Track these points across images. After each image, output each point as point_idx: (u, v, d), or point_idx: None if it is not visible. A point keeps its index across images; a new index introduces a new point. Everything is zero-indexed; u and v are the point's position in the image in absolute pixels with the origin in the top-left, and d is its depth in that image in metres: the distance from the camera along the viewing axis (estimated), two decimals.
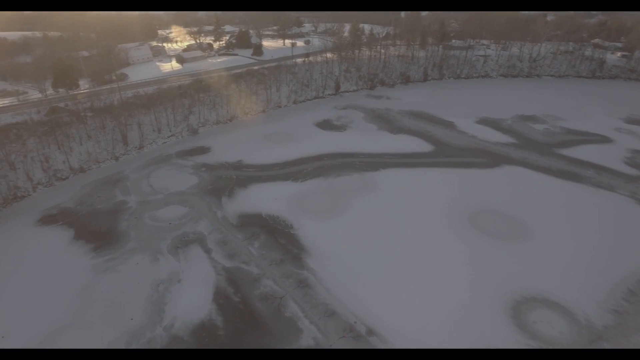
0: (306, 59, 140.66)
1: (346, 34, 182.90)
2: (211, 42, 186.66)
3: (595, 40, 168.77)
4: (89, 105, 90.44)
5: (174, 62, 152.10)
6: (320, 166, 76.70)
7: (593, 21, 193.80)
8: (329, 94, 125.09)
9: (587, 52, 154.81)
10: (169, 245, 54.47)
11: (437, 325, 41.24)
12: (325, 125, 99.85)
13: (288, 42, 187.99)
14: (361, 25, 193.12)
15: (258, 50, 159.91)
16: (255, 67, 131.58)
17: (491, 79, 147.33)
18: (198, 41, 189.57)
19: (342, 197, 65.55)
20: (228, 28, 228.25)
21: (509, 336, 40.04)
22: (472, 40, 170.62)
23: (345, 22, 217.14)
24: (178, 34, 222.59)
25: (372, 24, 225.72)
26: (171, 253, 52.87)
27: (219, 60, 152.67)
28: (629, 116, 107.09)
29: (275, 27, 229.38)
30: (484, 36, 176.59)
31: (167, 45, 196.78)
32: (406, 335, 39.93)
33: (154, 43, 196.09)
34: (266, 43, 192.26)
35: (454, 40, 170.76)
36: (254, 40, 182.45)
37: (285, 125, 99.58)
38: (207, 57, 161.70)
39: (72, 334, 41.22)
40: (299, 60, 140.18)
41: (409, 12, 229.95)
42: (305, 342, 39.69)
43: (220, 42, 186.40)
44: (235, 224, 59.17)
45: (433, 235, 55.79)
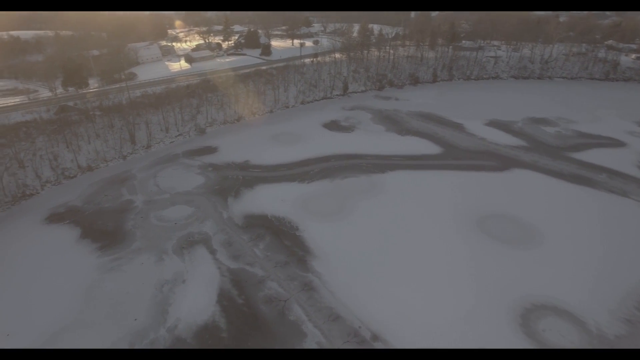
0: (314, 59, 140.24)
1: (355, 34, 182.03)
2: (220, 41, 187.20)
3: (609, 42, 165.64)
4: (97, 104, 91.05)
5: (182, 61, 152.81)
6: (327, 167, 76.18)
7: (607, 22, 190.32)
8: (337, 95, 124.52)
9: (601, 54, 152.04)
10: (174, 245, 54.41)
11: (444, 331, 40.44)
12: (333, 126, 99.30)
13: (297, 42, 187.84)
14: (370, 25, 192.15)
15: (266, 50, 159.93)
16: (264, 67, 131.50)
17: (502, 80, 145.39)
18: (207, 41, 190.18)
19: (349, 199, 64.95)
20: (237, 28, 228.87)
21: (517, 344, 39.06)
22: (482, 41, 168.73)
23: (354, 23, 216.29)
24: (182, 30, 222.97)
25: (382, 24, 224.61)
26: (176, 253, 52.78)
27: (227, 60, 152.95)
28: None
29: (284, 27, 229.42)
30: (495, 37, 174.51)
31: (176, 45, 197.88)
32: (412, 342, 39.19)
33: (164, 42, 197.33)
34: (275, 43, 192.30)
35: (464, 41, 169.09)
36: (263, 40, 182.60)
37: (292, 125, 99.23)
38: (216, 56, 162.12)
39: (76, 333, 41.24)
40: (308, 60, 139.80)
41: (419, 12, 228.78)
42: (309, 346, 39.20)
43: (229, 42, 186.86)
44: (240, 224, 58.93)
45: (440, 239, 54.91)
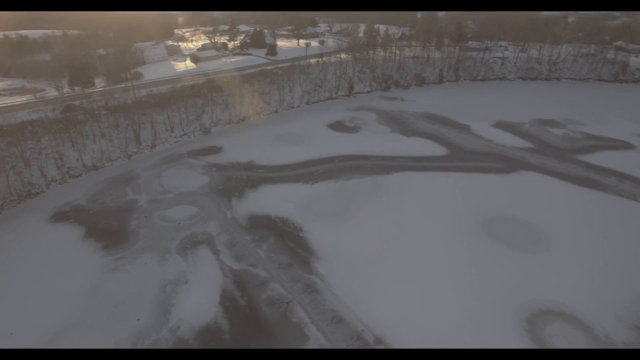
0: (320, 59, 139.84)
1: (361, 35, 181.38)
2: (226, 41, 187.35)
3: (618, 43, 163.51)
4: (103, 104, 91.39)
5: (188, 61, 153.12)
6: (331, 168, 75.79)
7: (616, 23, 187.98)
8: (342, 95, 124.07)
9: (610, 55, 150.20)
10: (178, 245, 54.36)
11: (448, 336, 39.90)
12: (338, 126, 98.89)
13: (302, 42, 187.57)
14: (376, 25, 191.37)
15: (272, 50, 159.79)
16: (269, 67, 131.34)
17: (509, 81, 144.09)
18: (213, 41, 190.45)
19: (353, 200, 64.52)
20: (243, 28, 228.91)
21: None
22: (489, 42, 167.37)
23: (360, 23, 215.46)
24: (188, 30, 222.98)
25: (388, 24, 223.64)
26: (179, 253, 52.71)
27: (232, 60, 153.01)
28: None
29: (290, 27, 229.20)
30: (502, 38, 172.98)
31: (182, 45, 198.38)
32: (415, 346, 38.69)
33: (170, 42, 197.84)
34: (280, 43, 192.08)
35: (470, 42, 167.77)
36: (269, 40, 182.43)
37: (297, 126, 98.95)
38: (222, 56, 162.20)
39: (79, 333, 41.27)
40: (313, 60, 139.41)
41: (426, 12, 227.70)
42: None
43: (235, 42, 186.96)
44: (244, 225, 58.75)
45: (445, 242, 54.32)
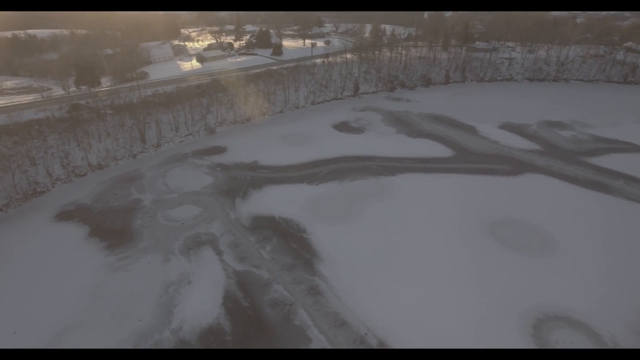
0: (325, 59, 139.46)
1: (367, 35, 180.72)
2: (232, 41, 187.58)
3: (628, 44, 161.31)
4: (109, 103, 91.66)
5: (194, 61, 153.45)
6: (336, 169, 75.42)
7: (626, 24, 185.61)
8: (347, 96, 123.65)
9: (619, 56, 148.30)
10: (181, 245, 54.28)
11: (452, 340, 39.34)
12: (343, 127, 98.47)
13: (308, 42, 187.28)
14: (383, 25, 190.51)
15: (277, 50, 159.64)
16: (274, 67, 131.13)
17: (516, 82, 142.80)
18: (219, 40, 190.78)
19: (357, 201, 64.08)
20: (249, 27, 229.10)
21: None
22: (496, 42, 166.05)
23: (366, 23, 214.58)
24: (195, 30, 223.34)
25: (394, 24, 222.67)
26: (183, 254, 52.62)
27: (238, 60, 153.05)
28: None
29: (296, 27, 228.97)
30: (510, 38, 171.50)
31: (188, 44, 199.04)
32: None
33: (176, 42, 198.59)
34: (286, 43, 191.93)
35: (477, 42, 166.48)
36: (274, 40, 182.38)
37: (302, 126, 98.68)
38: (227, 56, 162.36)
39: (81, 333, 41.25)
40: (319, 60, 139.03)
41: (432, 12, 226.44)
42: None
43: (241, 42, 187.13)
44: (247, 226, 58.55)
45: (450, 245, 53.71)
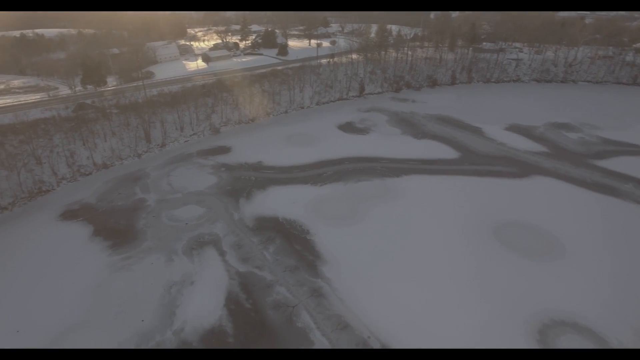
0: (331, 59, 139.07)
1: (373, 35, 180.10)
2: (237, 41, 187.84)
3: (637, 45, 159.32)
4: (114, 103, 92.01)
5: (199, 60, 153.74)
6: (340, 170, 75.03)
7: (636, 24, 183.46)
8: (352, 96, 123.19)
9: (628, 57, 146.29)
10: (184, 246, 54.20)
11: (457, 344, 38.80)
12: (348, 127, 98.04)
13: (314, 42, 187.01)
14: (389, 26, 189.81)
15: (283, 50, 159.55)
16: (280, 67, 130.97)
17: (523, 83, 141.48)
18: (225, 40, 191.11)
19: (362, 203, 63.63)
20: (255, 27, 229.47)
21: None
22: (504, 43, 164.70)
23: (372, 23, 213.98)
24: (201, 30, 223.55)
25: (401, 25, 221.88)
26: (186, 254, 52.53)
27: (244, 60, 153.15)
28: None
29: (301, 27, 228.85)
30: (517, 39, 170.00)
31: (194, 44, 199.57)
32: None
33: (182, 42, 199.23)
34: (292, 43, 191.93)
35: (484, 43, 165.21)
36: (280, 40, 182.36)
37: (307, 126, 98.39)
38: (233, 56, 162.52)
39: (84, 332, 41.27)
40: (324, 61, 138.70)
41: (439, 12, 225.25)
42: None
43: (246, 42, 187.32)
44: (251, 226, 58.35)
45: (455, 248, 53.09)
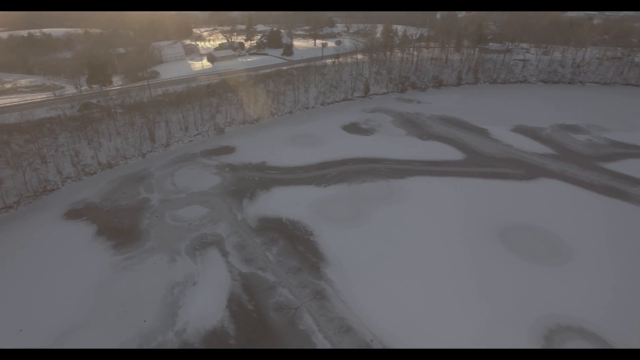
0: (336, 60, 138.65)
1: (378, 35, 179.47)
2: (243, 41, 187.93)
3: None
4: (119, 102, 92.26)
5: (204, 60, 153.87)
6: (344, 171, 74.60)
7: None
8: (357, 97, 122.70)
9: (637, 59, 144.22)
10: (187, 246, 54.08)
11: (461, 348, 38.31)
12: (352, 128, 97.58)
13: (319, 42, 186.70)
14: (394, 26, 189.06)
15: (288, 50, 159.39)
16: (284, 67, 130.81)
17: (530, 84, 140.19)
18: (230, 40, 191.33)
19: (366, 204, 63.18)
20: (260, 27, 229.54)
21: None
22: (510, 44, 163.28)
23: (378, 23, 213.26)
24: (207, 30, 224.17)
25: (406, 25, 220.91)
26: (189, 254, 52.40)
27: (249, 60, 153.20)
28: None
29: (307, 27, 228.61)
30: (524, 39, 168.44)
31: (200, 44, 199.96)
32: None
33: (188, 41, 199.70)
34: (297, 43, 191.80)
35: (491, 43, 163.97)
36: (285, 40, 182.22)
37: (311, 127, 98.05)
38: (238, 56, 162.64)
39: (86, 332, 41.21)
40: (329, 61, 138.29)
41: (445, 12, 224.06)
42: None
43: (252, 42, 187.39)
44: (254, 227, 58.11)
45: (460, 251, 52.47)
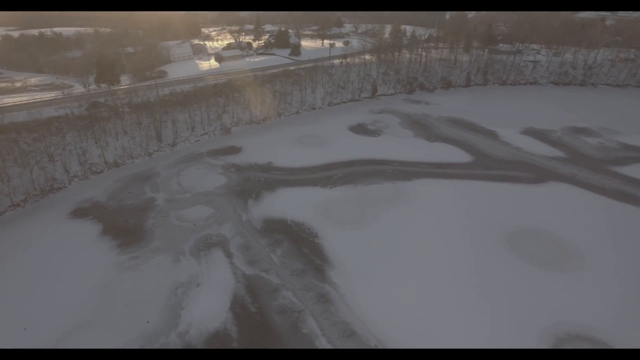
0: (344, 60, 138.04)
1: (387, 36, 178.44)
2: (250, 41, 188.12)
3: None
4: (127, 101, 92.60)
5: (212, 60, 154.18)
6: (350, 172, 73.98)
7: None
8: (365, 97, 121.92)
9: None
10: (192, 246, 53.90)
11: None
12: (359, 129, 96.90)
13: (327, 42, 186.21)
14: (403, 26, 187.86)
15: (296, 50, 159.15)
16: (292, 68, 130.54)
17: (540, 86, 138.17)
18: (238, 40, 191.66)
19: (372, 207, 62.50)
20: (268, 27, 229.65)
21: None
22: (521, 45, 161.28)
23: (387, 24, 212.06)
24: (215, 29, 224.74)
25: (415, 25, 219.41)
26: (193, 255, 52.21)
27: (256, 60, 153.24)
28: None
29: (315, 27, 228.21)
30: (535, 40, 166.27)
31: (208, 44, 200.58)
32: None
33: (196, 41, 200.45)
34: (305, 43, 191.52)
35: (501, 44, 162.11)
36: (293, 40, 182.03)
37: (318, 127, 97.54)
38: (245, 56, 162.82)
39: (90, 332, 41.18)
40: (337, 61, 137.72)
41: (454, 13, 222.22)
42: None
43: (260, 42, 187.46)
44: (259, 228, 57.77)
45: (467, 255, 51.60)
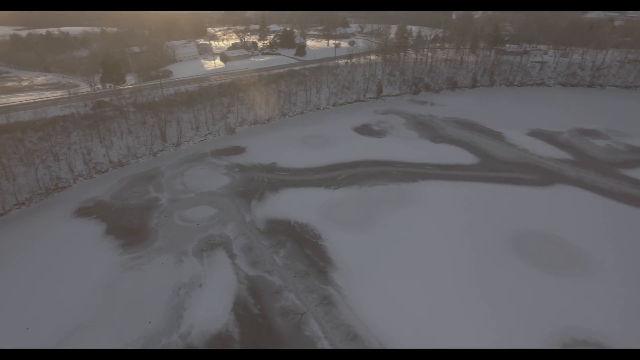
0: (349, 60, 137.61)
1: (392, 36, 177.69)
2: (256, 41, 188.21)
3: None
4: (132, 101, 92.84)
5: (217, 60, 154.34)
6: (355, 174, 73.56)
7: None
8: (370, 98, 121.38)
9: None
10: (195, 247, 53.80)
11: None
12: (364, 130, 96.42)
13: (332, 42, 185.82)
14: (409, 26, 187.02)
15: (301, 50, 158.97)
16: (297, 68, 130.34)
17: (547, 87, 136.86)
18: (243, 40, 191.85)
19: (376, 208, 62.04)
20: (274, 27, 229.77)
21: None
22: (528, 45, 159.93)
23: (392, 24, 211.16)
24: (221, 29, 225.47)
25: (421, 25, 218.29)
26: (196, 256, 52.08)
27: (261, 60, 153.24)
28: None
29: (320, 27, 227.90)
30: (542, 41, 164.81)
31: (213, 43, 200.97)
32: None
33: (201, 41, 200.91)
34: (310, 43, 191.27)
35: (507, 45, 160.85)
36: (298, 40, 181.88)
37: (322, 128, 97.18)
38: (250, 56, 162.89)
39: (92, 331, 41.15)
40: (342, 61, 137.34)
41: (461, 13, 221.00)
42: None
43: (265, 42, 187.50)
44: (262, 229, 57.55)
45: (472, 258, 51.00)
